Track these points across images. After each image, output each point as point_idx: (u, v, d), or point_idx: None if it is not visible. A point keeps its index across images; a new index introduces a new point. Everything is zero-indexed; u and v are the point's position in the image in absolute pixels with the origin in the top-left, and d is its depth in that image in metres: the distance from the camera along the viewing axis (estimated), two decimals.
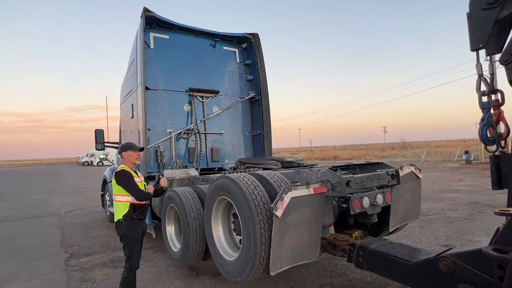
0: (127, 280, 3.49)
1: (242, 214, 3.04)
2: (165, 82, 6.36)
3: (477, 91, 2.43)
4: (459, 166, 21.64)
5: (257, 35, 7.13)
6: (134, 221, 3.56)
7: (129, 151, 3.74)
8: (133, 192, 3.54)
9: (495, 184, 2.37)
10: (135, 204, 3.56)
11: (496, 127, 2.38)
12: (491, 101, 2.40)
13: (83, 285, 4.34)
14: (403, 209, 3.68)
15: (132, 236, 3.53)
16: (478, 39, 2.36)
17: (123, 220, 3.50)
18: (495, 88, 2.38)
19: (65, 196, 14.85)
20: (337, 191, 2.92)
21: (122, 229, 3.53)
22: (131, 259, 3.51)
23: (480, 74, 2.40)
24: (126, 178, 3.55)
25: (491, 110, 2.40)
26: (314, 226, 2.97)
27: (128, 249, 3.52)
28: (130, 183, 3.56)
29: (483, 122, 2.41)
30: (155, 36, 6.39)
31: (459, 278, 2.35)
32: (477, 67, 2.41)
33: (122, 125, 7.55)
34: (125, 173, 3.57)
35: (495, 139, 2.38)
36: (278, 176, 3.33)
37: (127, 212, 3.52)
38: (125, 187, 3.53)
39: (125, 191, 3.53)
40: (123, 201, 3.55)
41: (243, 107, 7.22)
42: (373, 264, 3.01)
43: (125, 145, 3.91)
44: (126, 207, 3.53)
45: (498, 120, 2.39)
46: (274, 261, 2.73)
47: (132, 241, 3.52)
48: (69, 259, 5.47)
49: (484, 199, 9.20)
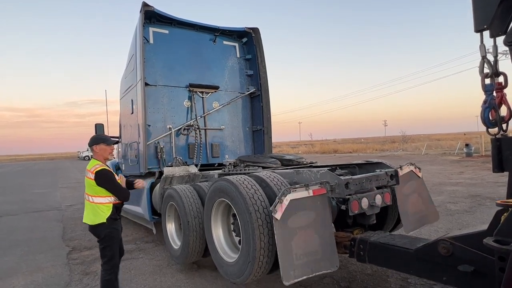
0: (110, 282, 3.29)
1: (242, 218, 3.03)
2: (165, 78, 6.31)
3: (480, 73, 2.39)
4: (460, 159, 21.63)
5: (258, 30, 7.05)
6: (116, 220, 3.37)
7: (101, 145, 3.40)
8: (119, 193, 3.32)
9: (496, 167, 2.35)
10: (117, 203, 3.37)
11: (499, 110, 2.35)
12: (494, 83, 2.35)
13: (85, 278, 4.39)
14: (415, 211, 3.59)
15: (114, 236, 3.33)
16: (483, 20, 2.32)
17: (106, 222, 3.26)
18: (498, 71, 2.34)
19: (66, 190, 14.92)
20: (336, 193, 2.91)
21: (104, 229, 3.27)
22: (112, 260, 3.31)
23: (483, 55, 2.35)
24: (109, 178, 3.28)
25: (493, 92, 2.36)
26: (324, 231, 2.88)
27: (110, 250, 3.30)
28: (114, 183, 3.31)
29: (485, 105, 2.37)
30: (155, 31, 6.33)
31: (459, 260, 2.37)
32: (481, 49, 2.36)
33: (122, 120, 7.53)
34: (106, 173, 3.28)
35: (497, 122, 2.35)
36: (278, 178, 3.31)
37: (111, 213, 3.29)
38: (109, 189, 3.27)
39: (107, 192, 3.27)
40: (106, 203, 3.28)
41: (243, 103, 7.18)
42: (374, 257, 3.02)
43: (97, 137, 3.51)
44: (110, 208, 3.29)
45: (500, 103, 2.35)
46: (286, 269, 2.62)
47: (114, 241, 3.33)
48: (71, 253, 5.52)
49: (485, 191, 9.21)
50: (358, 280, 3.83)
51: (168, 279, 4.19)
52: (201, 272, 4.35)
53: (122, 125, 7.52)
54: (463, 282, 2.42)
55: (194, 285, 3.95)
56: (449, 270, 2.47)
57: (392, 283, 3.68)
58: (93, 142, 3.41)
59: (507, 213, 2.01)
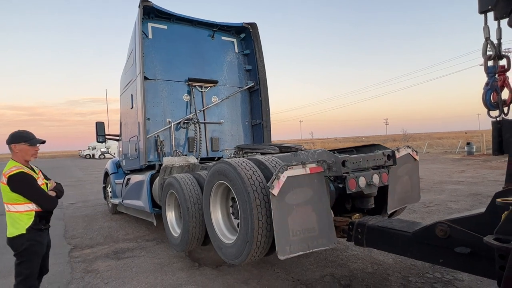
0: None
1: (240, 199, 3.06)
2: (164, 72, 6.37)
3: (483, 55, 2.41)
4: (461, 158, 21.58)
5: (255, 25, 7.11)
6: (41, 232, 2.91)
7: (22, 144, 2.89)
8: (41, 200, 2.85)
9: (496, 150, 2.38)
10: (41, 211, 2.88)
11: (501, 93, 2.38)
12: (497, 66, 2.38)
13: (86, 276, 4.37)
14: (401, 191, 3.68)
15: (35, 251, 2.86)
16: (487, 1, 2.32)
17: (26, 233, 2.80)
18: (501, 53, 2.36)
19: (67, 188, 14.84)
20: (333, 171, 2.94)
21: (23, 242, 2.80)
22: (28, 280, 2.83)
23: (487, 37, 2.36)
24: (26, 183, 2.80)
25: (496, 75, 2.38)
26: (321, 208, 2.91)
27: (28, 267, 2.83)
28: (33, 189, 2.83)
29: (487, 87, 2.39)
30: (153, 26, 6.40)
31: (456, 242, 2.39)
32: (485, 30, 2.37)
33: (122, 117, 7.59)
34: (23, 176, 2.80)
35: (499, 104, 2.37)
36: (276, 161, 3.34)
37: (32, 223, 2.83)
38: (27, 195, 2.80)
39: (25, 199, 2.81)
40: (25, 211, 2.81)
41: (242, 97, 7.23)
42: (372, 240, 3.04)
43: (17, 134, 2.94)
44: (31, 218, 2.83)
45: (502, 86, 2.38)
46: (281, 244, 2.66)
47: (34, 257, 2.85)
48: (72, 251, 5.51)
49: (486, 190, 9.18)
50: (359, 278, 3.82)
51: (169, 277, 4.17)
52: (202, 270, 4.34)
53: (122, 123, 7.57)
54: (460, 263, 2.44)
55: (195, 283, 3.94)
56: (446, 252, 2.48)
57: (393, 281, 3.68)
58: (11, 140, 2.90)
59: (508, 211, 1.99)
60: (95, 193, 12.47)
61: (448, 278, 3.69)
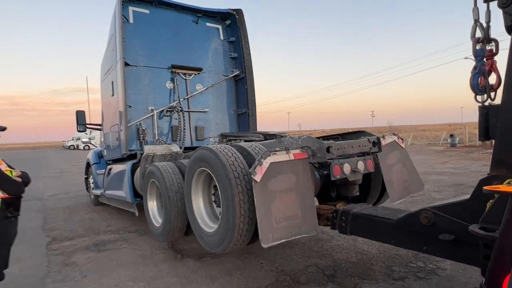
0: None
1: (222, 186, 2.98)
2: (146, 58, 6.16)
3: (472, 38, 2.36)
4: (444, 149, 22.00)
5: (241, 11, 6.94)
6: (8, 220, 2.88)
7: None
8: (5, 184, 2.81)
9: (482, 135, 2.35)
10: (7, 198, 2.84)
11: (488, 77, 2.33)
12: (485, 49, 2.33)
13: (64, 269, 4.23)
14: (400, 180, 3.63)
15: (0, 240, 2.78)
16: None
17: None
18: (490, 36, 2.31)
19: (49, 180, 14.53)
20: (317, 157, 2.87)
21: None
22: None
23: (476, 19, 2.31)
24: None
25: (484, 58, 2.33)
26: (304, 195, 2.87)
27: None
28: None
29: (475, 70, 2.35)
30: (135, 11, 6.16)
31: (440, 229, 2.37)
32: (474, 12, 2.31)
33: (103, 105, 7.35)
34: None
35: (486, 88, 2.33)
36: (259, 147, 3.26)
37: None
38: None
39: None
40: None
41: (227, 85, 7.08)
42: (356, 228, 3.01)
43: None
44: None
45: (490, 70, 2.34)
46: (264, 231, 2.61)
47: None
48: (51, 243, 5.33)
49: (468, 180, 9.34)
50: (343, 268, 3.80)
51: (151, 268, 4.09)
52: (184, 261, 4.26)
53: (103, 113, 7.34)
54: (443, 250, 2.44)
55: (177, 274, 3.86)
56: (430, 240, 2.47)
57: (377, 271, 3.67)
58: None
59: (493, 200, 1.97)
60: (77, 184, 12.16)
61: (431, 267, 3.69)
